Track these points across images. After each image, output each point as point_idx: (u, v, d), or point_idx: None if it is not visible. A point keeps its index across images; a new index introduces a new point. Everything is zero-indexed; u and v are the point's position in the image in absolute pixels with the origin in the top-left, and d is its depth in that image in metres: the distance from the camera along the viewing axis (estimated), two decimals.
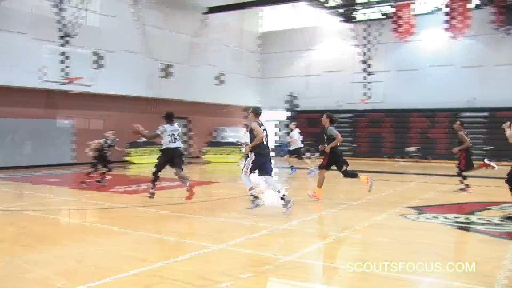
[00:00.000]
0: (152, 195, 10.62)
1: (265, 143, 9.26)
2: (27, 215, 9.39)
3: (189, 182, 10.44)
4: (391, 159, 26.68)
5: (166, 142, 10.38)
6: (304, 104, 29.89)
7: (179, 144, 10.53)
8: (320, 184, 10.94)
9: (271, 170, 9.37)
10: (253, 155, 9.30)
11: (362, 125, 28.48)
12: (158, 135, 10.44)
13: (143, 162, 23.08)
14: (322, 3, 26.81)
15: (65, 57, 15.80)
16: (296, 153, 17.27)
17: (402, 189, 14.24)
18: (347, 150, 28.62)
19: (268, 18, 33.01)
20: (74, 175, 17.61)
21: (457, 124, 12.62)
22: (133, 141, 23.75)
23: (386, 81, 26.13)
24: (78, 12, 16.73)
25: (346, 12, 27.64)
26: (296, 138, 17.20)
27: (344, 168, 10.93)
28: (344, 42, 29.52)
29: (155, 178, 10.61)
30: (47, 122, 20.56)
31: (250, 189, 9.39)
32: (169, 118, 10.61)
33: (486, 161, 12.29)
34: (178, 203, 10.45)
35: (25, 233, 7.63)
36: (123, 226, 7.99)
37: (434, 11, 26.73)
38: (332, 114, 11.62)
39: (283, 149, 31.02)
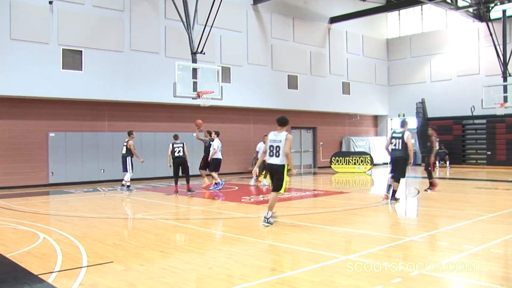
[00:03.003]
0: None
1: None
2: (162, 223, 10.02)
3: None
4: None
5: None
6: (434, 111, 28.64)
7: None
8: None
9: None
10: None
11: (499, 131, 26.55)
12: None
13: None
14: (452, 3, 25.41)
15: (194, 73, 16.64)
16: None
17: None
18: (482, 158, 26.95)
19: (394, 24, 32.15)
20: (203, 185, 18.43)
21: None
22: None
23: None
24: (206, 29, 17.53)
25: (480, 10, 25.88)
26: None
27: None
28: (477, 43, 27.86)
29: None
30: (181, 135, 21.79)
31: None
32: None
33: None
34: (304, 214, 10.50)
35: (160, 240, 8.13)
36: (252, 236, 8.18)
37: None
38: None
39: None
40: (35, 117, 18.20)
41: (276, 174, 9.07)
